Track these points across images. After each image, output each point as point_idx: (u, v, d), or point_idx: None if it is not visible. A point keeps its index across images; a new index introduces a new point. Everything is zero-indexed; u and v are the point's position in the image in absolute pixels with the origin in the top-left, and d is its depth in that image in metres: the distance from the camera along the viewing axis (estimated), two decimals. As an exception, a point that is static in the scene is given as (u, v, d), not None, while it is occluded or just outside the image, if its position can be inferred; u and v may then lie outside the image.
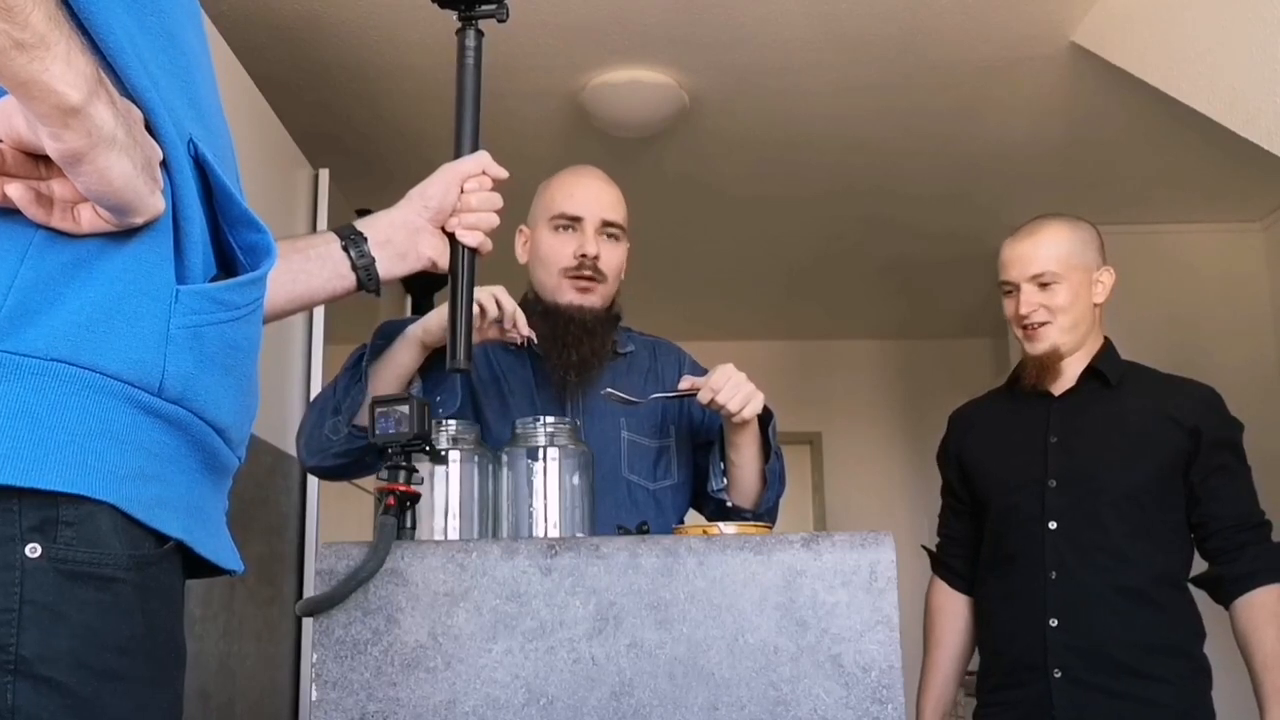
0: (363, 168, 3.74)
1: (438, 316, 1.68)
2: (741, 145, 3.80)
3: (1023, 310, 2.17)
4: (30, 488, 0.77)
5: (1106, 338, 2.24)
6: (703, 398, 1.76)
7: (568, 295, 1.89)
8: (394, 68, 3.22)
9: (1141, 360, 2.28)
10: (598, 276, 1.90)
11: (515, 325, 1.73)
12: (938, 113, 3.56)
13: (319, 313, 3.20)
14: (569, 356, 1.85)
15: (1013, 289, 2.20)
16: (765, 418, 1.84)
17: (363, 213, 1.41)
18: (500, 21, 1.40)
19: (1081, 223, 2.24)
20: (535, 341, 1.84)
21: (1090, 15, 3.00)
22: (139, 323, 0.83)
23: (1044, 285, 2.16)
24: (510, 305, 1.72)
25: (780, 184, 4.15)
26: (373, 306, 4.29)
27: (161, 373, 0.85)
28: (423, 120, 3.50)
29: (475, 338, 1.70)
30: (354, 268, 1.29)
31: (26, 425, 0.78)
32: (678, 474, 1.94)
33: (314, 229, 3.14)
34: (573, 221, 1.90)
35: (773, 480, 1.89)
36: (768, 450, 1.88)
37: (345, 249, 1.29)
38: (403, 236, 1.33)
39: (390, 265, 1.32)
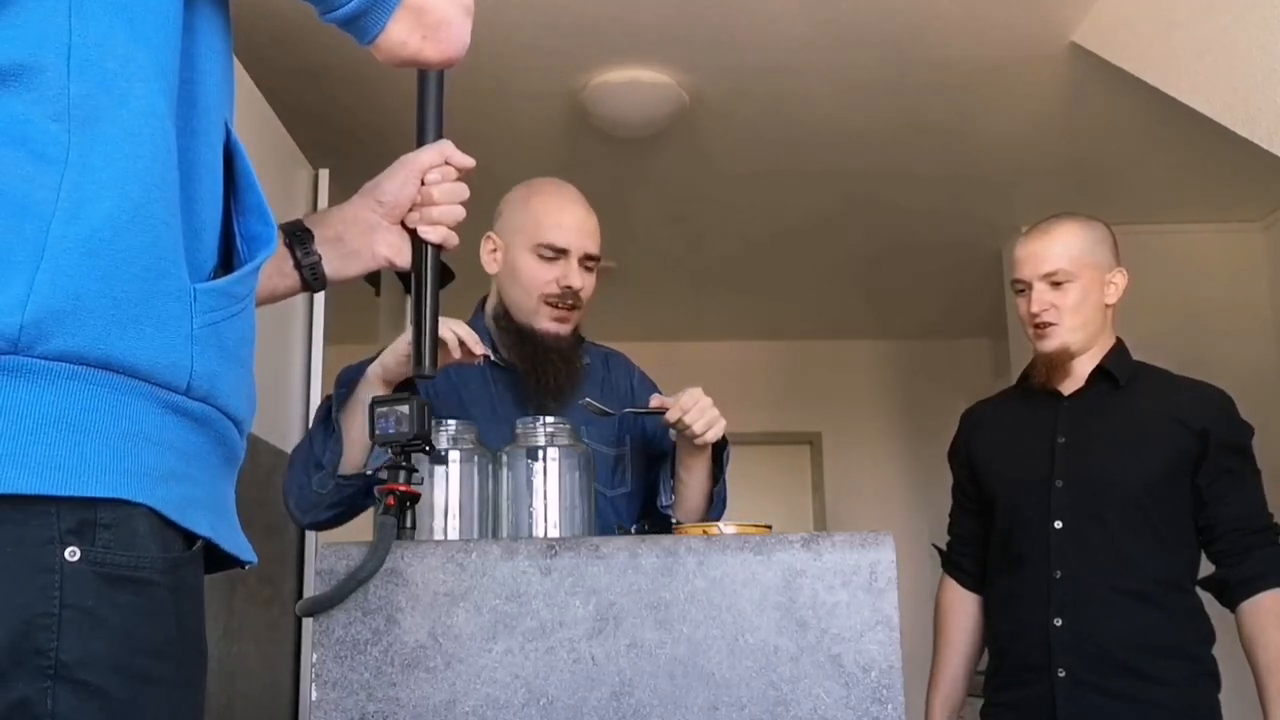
0: (363, 168, 3.69)
1: (393, 353, 1.69)
2: (741, 145, 3.80)
3: (1034, 309, 2.16)
4: (70, 496, 0.77)
5: (1119, 338, 2.23)
6: (671, 416, 1.80)
7: (545, 322, 1.91)
8: (394, 68, 3.21)
9: (1141, 360, 2.28)
10: (577, 305, 1.93)
11: (474, 351, 1.73)
12: (937, 112, 3.56)
13: (319, 312, 3.20)
14: (548, 384, 1.88)
15: (1025, 288, 2.20)
16: (720, 444, 1.89)
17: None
18: None
19: (1095, 222, 2.23)
20: (492, 358, 1.87)
21: (1090, 15, 3.00)
22: (164, 326, 0.83)
23: (1056, 284, 2.15)
24: (467, 334, 1.71)
25: (780, 184, 4.15)
26: (373, 307, 4.29)
27: (190, 373, 0.85)
28: (423, 120, 3.49)
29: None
30: (298, 266, 1.18)
31: (59, 431, 0.77)
32: (630, 483, 1.99)
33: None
34: (559, 253, 1.91)
35: (717, 502, 1.94)
36: (715, 473, 1.93)
37: (289, 245, 1.18)
38: (355, 233, 1.22)
39: (340, 264, 1.21)
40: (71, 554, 0.77)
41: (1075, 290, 2.15)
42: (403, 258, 1.25)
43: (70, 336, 0.78)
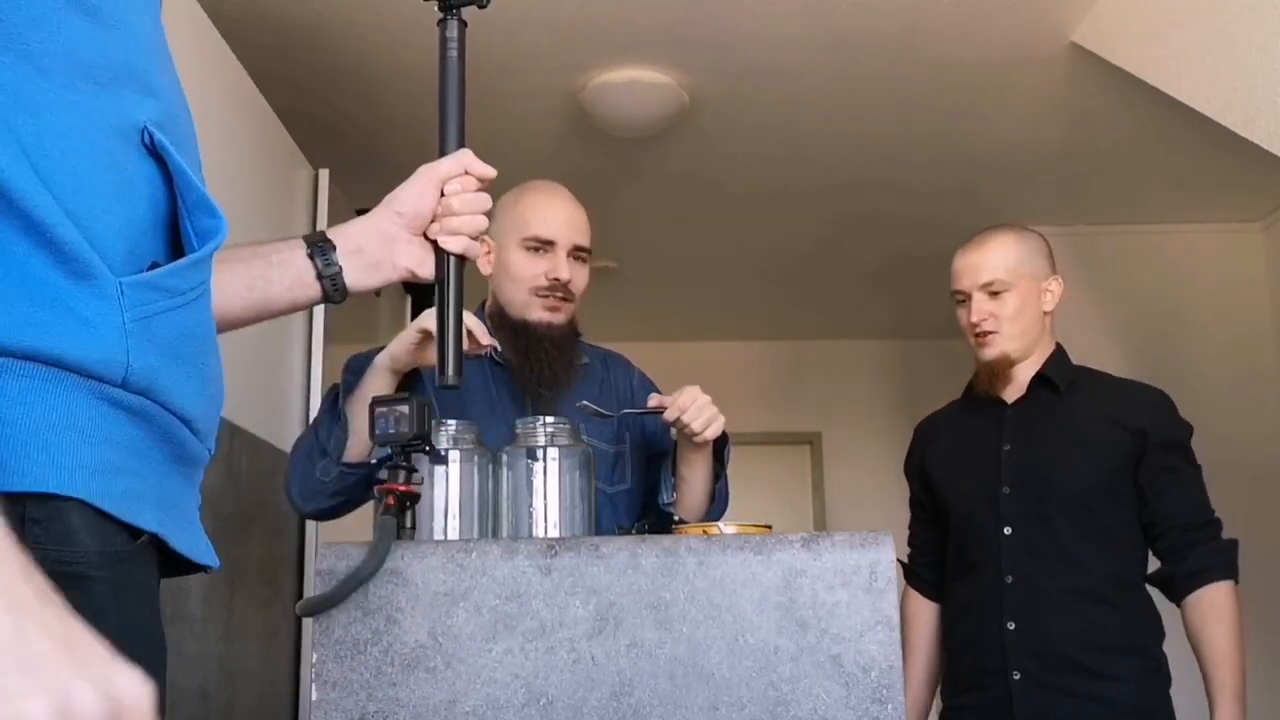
0: (363, 168, 3.73)
1: (401, 342, 1.71)
2: (741, 145, 3.80)
3: (974, 318, 2.23)
4: None
5: (1059, 344, 2.30)
6: (669, 416, 1.80)
7: (537, 313, 1.93)
8: (394, 68, 3.22)
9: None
10: (568, 297, 1.95)
11: (481, 341, 1.74)
12: (937, 112, 3.56)
13: (319, 313, 3.20)
14: (542, 372, 1.90)
15: (965, 298, 2.26)
16: (720, 440, 1.90)
17: (362, 213, 1.38)
18: (481, 8, 1.32)
19: (1030, 232, 2.31)
20: (498, 350, 1.88)
21: (1090, 15, 3.00)
22: (93, 321, 0.81)
23: (994, 294, 2.22)
24: (475, 324, 1.73)
25: (780, 184, 4.15)
26: (373, 308, 4.29)
27: (125, 368, 0.82)
28: (423, 120, 3.48)
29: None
30: (319, 277, 1.20)
31: None
32: (630, 480, 2.00)
33: (313, 229, 3.14)
34: (545, 244, 1.93)
35: (719, 499, 1.96)
36: (716, 470, 1.94)
37: (311, 256, 1.20)
38: (376, 244, 1.24)
39: (361, 275, 1.23)
40: None
41: (1013, 299, 2.22)
42: (424, 269, 1.26)
43: None
